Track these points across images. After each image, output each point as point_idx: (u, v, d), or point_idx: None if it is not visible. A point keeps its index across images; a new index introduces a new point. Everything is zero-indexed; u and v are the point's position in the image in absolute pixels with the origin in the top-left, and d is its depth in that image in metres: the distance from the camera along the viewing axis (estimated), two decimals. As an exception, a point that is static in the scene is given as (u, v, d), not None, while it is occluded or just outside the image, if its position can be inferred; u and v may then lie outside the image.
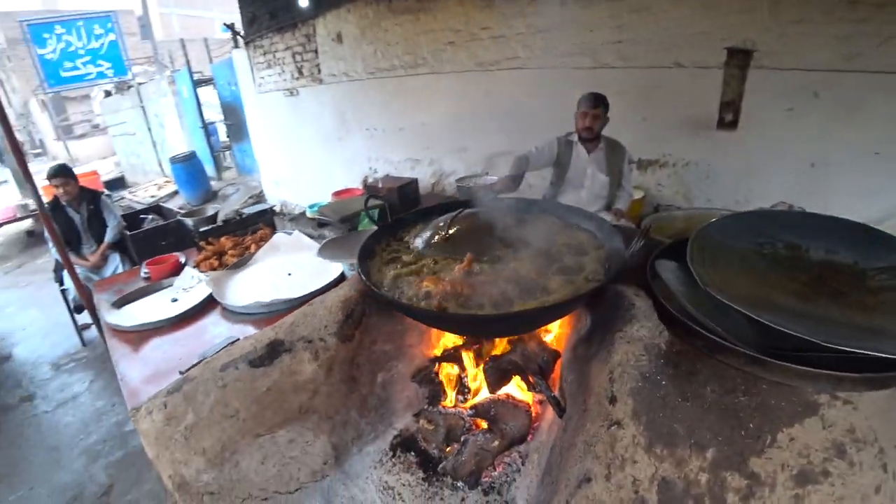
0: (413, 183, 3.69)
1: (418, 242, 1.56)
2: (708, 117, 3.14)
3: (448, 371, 1.65)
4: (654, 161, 3.44)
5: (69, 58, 11.02)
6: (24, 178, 2.58)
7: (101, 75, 11.38)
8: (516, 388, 1.61)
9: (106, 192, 8.46)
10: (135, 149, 11.57)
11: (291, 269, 2.33)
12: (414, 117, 4.60)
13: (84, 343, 3.73)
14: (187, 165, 7.85)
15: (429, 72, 4.28)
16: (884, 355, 0.90)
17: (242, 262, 2.48)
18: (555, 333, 1.66)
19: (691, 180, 3.34)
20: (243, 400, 1.40)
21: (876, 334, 1.01)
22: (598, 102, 2.72)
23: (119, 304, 2.26)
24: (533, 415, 1.56)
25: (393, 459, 1.57)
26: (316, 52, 5.06)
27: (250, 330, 1.87)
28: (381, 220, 2.52)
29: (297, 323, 1.52)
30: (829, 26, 2.64)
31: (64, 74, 11.13)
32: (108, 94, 12.20)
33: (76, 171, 3.79)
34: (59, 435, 2.77)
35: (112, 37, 11.23)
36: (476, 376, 1.62)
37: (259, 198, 7.13)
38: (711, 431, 0.95)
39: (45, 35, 10.80)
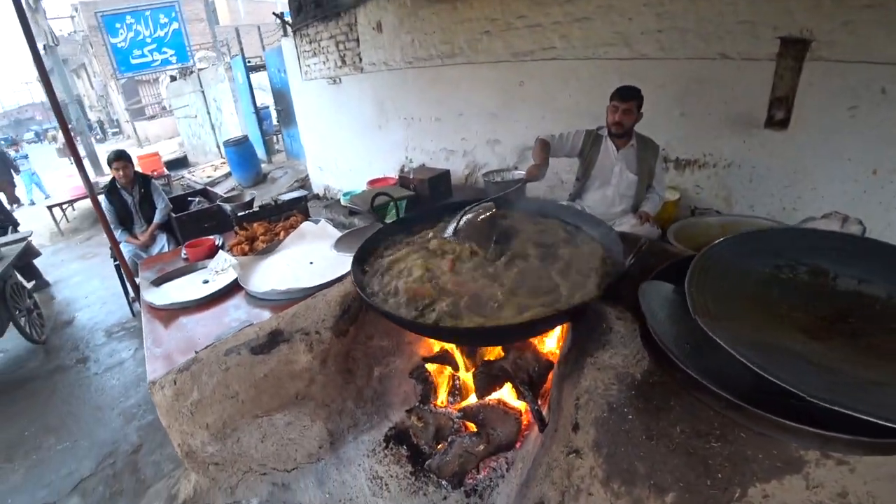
0: (444, 175, 3.70)
1: (419, 239, 1.58)
2: (755, 114, 2.92)
3: (439, 371, 1.67)
4: (693, 161, 3.25)
5: (138, 46, 11.92)
6: (77, 167, 2.81)
7: (165, 62, 12.20)
8: (510, 394, 1.60)
9: (165, 172, 9.07)
10: (196, 130, 12.25)
11: (314, 257, 2.40)
12: (450, 107, 4.58)
13: (133, 313, 4.04)
14: (239, 149, 8.22)
15: (465, 62, 4.23)
16: (872, 419, 0.74)
17: (270, 248, 2.59)
18: (557, 343, 1.63)
19: (733, 183, 3.13)
20: (242, 383, 1.49)
21: (880, 389, 0.86)
22: (630, 96, 2.59)
23: (158, 282, 2.42)
24: (523, 423, 1.54)
25: (385, 451, 1.61)
26: (357, 41, 5.12)
27: (267, 315, 1.94)
28: (400, 214, 2.57)
29: (299, 314, 1.60)
30: (906, 12, 2.34)
31: (133, 62, 12.06)
32: (173, 78, 12.97)
33: (145, 150, 4.07)
34: (104, 396, 3.04)
35: (176, 25, 11.97)
36: (467, 379, 1.63)
37: (304, 182, 7.37)
38: (674, 475, 0.89)
39: (117, 25, 11.72)
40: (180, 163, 11.75)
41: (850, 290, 1.09)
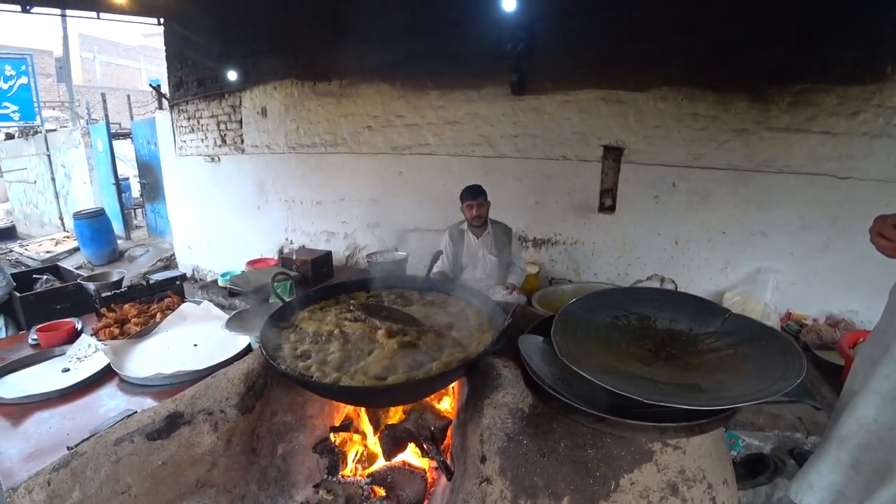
0: (327, 255, 3.84)
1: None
2: (590, 202, 3.68)
3: (346, 440, 1.75)
4: (547, 240, 3.89)
5: (-29, 94, 10.13)
6: None
7: (5, 118, 10.47)
8: (413, 455, 1.70)
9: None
10: (33, 198, 10.72)
11: (198, 339, 2.31)
12: (332, 192, 4.84)
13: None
14: (93, 222, 7.40)
15: (347, 151, 4.57)
16: (688, 406, 1.04)
17: (146, 331, 2.43)
18: (449, 402, 1.81)
19: (579, 257, 3.81)
20: (136, 475, 1.39)
21: (693, 389, 1.15)
22: (478, 193, 3.13)
23: (1, 372, 2.12)
24: (429, 480, 1.65)
25: (291, 535, 1.58)
26: (240, 122, 5.22)
27: (149, 403, 1.84)
28: (290, 294, 2.63)
29: (199, 395, 1.56)
30: (679, 132, 3.28)
31: (-38, 111, 10.18)
32: (9, 136, 11.35)
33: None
34: None
35: (24, 80, 10.43)
36: (373, 444, 1.71)
37: (169, 261, 6.86)
38: (565, 482, 1.10)
39: (-53, 70, 9.94)
40: (7, 233, 10.11)
41: (665, 329, 1.44)
